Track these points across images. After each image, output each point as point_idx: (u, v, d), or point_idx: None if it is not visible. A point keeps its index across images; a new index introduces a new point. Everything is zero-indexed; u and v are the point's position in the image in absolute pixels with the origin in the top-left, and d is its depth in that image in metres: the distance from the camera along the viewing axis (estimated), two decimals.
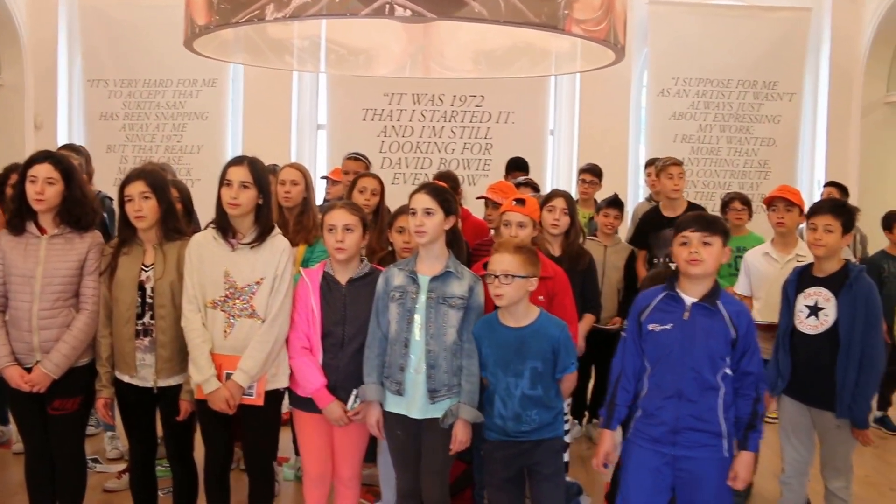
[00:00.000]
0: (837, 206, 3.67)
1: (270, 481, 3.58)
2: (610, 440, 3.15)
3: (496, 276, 3.17)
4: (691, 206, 5.33)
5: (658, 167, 5.60)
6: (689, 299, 3.03)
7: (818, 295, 3.60)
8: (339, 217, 3.35)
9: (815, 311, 3.60)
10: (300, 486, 3.67)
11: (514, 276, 3.14)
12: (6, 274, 3.42)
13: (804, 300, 3.63)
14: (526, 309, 3.24)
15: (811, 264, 3.72)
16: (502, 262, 3.18)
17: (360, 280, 3.41)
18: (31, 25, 8.31)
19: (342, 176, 5.53)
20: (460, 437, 3.24)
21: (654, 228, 5.29)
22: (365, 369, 3.32)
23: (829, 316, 3.56)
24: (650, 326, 3.06)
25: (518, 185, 4.94)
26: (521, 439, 3.21)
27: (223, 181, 3.33)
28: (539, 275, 3.25)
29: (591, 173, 6.43)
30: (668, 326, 3.02)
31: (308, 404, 3.39)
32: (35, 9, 8.30)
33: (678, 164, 5.51)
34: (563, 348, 3.20)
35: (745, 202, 5.35)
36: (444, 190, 3.40)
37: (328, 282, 3.40)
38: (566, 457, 3.68)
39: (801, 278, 3.68)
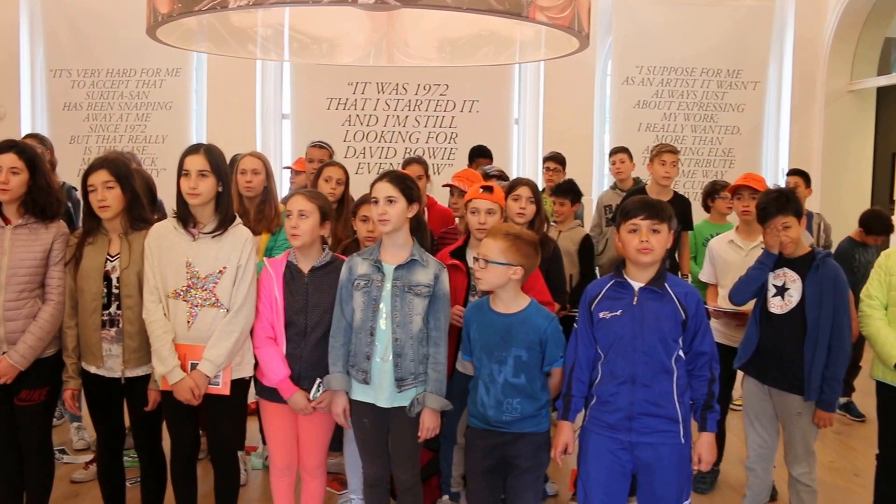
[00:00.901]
0: (783, 202, 3.67)
1: (236, 470, 3.58)
2: (568, 431, 3.14)
3: (476, 260, 3.19)
4: (677, 197, 5.37)
5: (653, 152, 5.62)
6: (636, 284, 3.04)
7: (785, 276, 3.67)
8: (295, 203, 3.35)
9: (781, 291, 3.66)
10: (268, 474, 3.67)
11: (489, 262, 3.15)
12: None
13: (773, 279, 3.71)
14: (515, 296, 3.23)
15: None
16: (485, 246, 3.20)
17: (321, 269, 3.41)
18: None
19: (306, 164, 5.51)
20: (427, 425, 3.25)
21: None
22: (330, 358, 3.32)
23: (793, 297, 3.62)
24: (601, 314, 3.06)
25: (489, 177, 4.94)
26: (503, 430, 3.20)
27: (181, 171, 3.30)
28: (530, 266, 3.22)
29: (555, 161, 6.48)
30: (617, 313, 3.03)
31: (273, 394, 3.39)
32: None
33: (673, 151, 5.52)
34: (551, 340, 3.18)
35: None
36: (406, 178, 3.39)
37: (291, 271, 3.40)
38: None
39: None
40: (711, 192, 5.46)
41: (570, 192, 5.17)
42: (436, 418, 3.27)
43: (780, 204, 3.66)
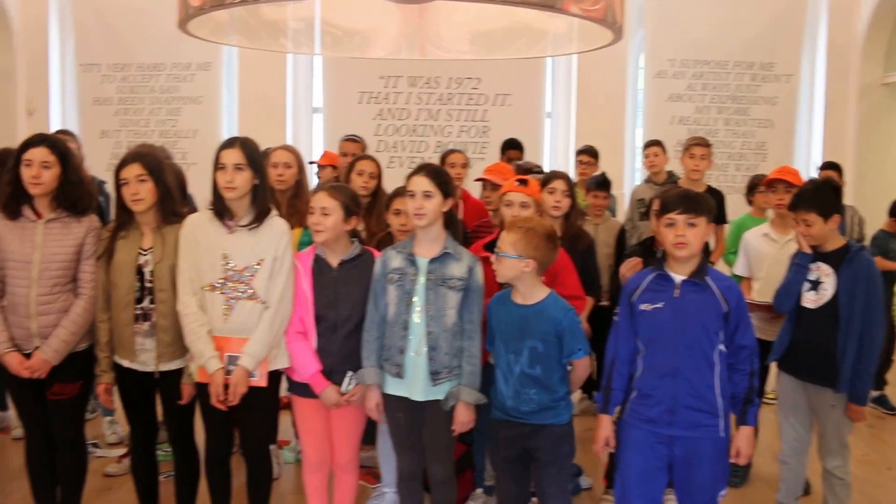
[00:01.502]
0: (813, 199, 3.61)
1: (268, 465, 3.57)
2: (608, 425, 3.15)
3: (497, 254, 3.19)
4: (710, 191, 5.32)
5: (684, 145, 5.57)
6: (678, 277, 3.03)
7: (819, 270, 3.63)
8: (318, 200, 3.34)
9: (815, 285, 3.62)
10: (300, 468, 3.66)
11: (500, 255, 3.16)
12: (3, 259, 3.39)
13: (807, 273, 3.66)
14: (533, 288, 3.21)
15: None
16: (500, 238, 3.21)
17: (350, 262, 3.39)
18: (21, 8, 8.25)
19: (339, 158, 5.50)
20: (461, 419, 3.24)
21: None
22: (363, 352, 3.31)
23: (827, 290, 3.58)
24: (642, 306, 3.06)
25: (527, 172, 4.89)
26: (523, 420, 3.20)
27: (217, 165, 3.29)
28: (543, 259, 3.19)
29: (588, 154, 6.44)
30: (659, 305, 3.02)
31: (305, 390, 3.38)
32: None
33: (703, 144, 5.47)
34: (568, 333, 3.16)
35: None
36: (443, 172, 3.39)
37: (319, 265, 3.39)
38: None
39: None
40: (753, 187, 5.40)
41: (604, 184, 5.18)
42: (470, 412, 3.25)
43: (799, 199, 3.64)
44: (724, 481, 3.09)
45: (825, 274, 3.60)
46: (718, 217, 5.26)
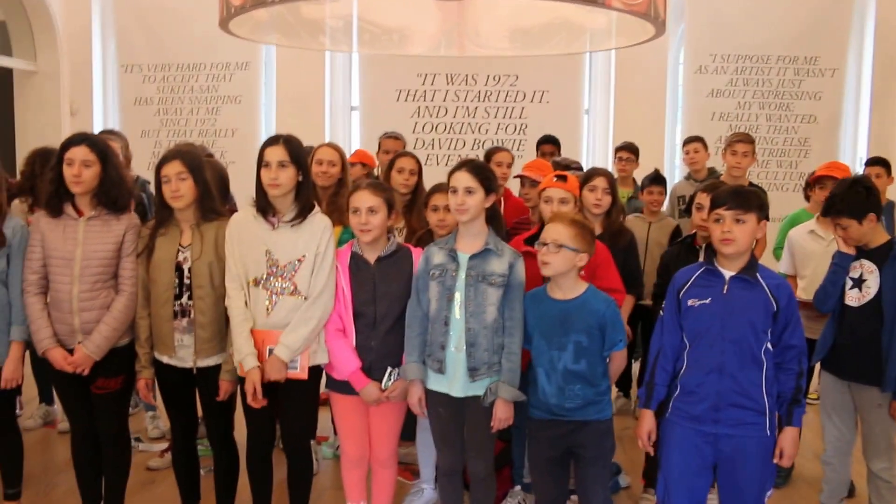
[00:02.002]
0: (846, 205, 3.53)
1: (308, 460, 3.59)
2: (651, 419, 3.12)
3: (545, 245, 3.15)
4: (751, 187, 5.23)
5: (726, 142, 5.51)
6: (727, 273, 2.98)
7: (862, 267, 3.57)
8: (364, 199, 3.32)
9: (858, 283, 3.56)
10: (339, 464, 3.67)
11: (562, 247, 3.12)
12: (47, 257, 3.45)
13: (850, 271, 3.60)
14: (574, 283, 3.21)
15: None
16: (554, 231, 3.17)
17: (388, 258, 3.39)
18: (65, 12, 8.42)
19: (381, 155, 5.51)
20: (500, 416, 3.23)
21: None
22: (406, 348, 3.32)
23: (871, 287, 3.52)
24: (689, 302, 3.01)
25: (566, 168, 4.87)
26: (566, 418, 3.18)
27: (261, 162, 3.31)
28: (591, 253, 3.22)
29: (628, 150, 6.37)
30: (707, 301, 2.98)
31: (344, 387, 3.39)
32: None
33: (745, 141, 5.39)
34: (610, 324, 3.16)
35: None
36: (485, 168, 3.39)
37: (356, 261, 3.39)
38: None
39: None
40: (811, 183, 5.31)
41: (660, 181, 5.14)
42: (509, 409, 3.24)
43: (830, 204, 3.59)
44: (771, 481, 3.04)
45: (868, 271, 3.54)
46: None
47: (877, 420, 3.57)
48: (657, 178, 5.25)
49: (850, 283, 3.59)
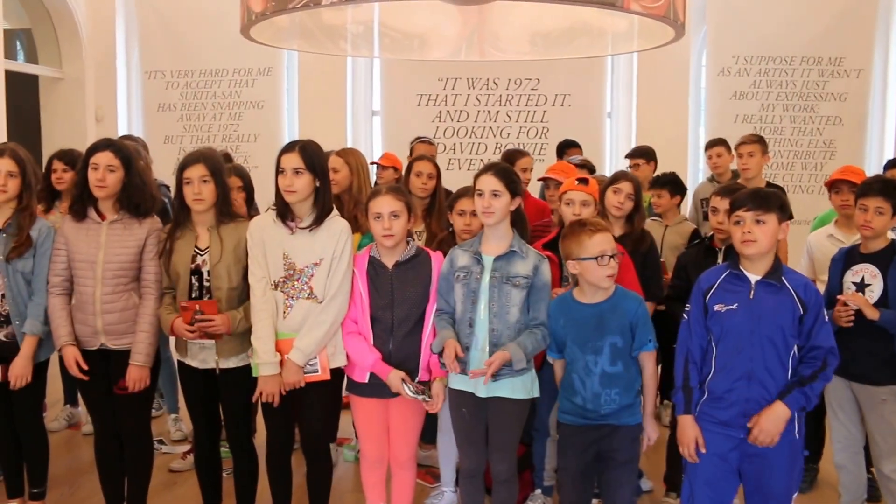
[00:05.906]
0: (889, 188, 3.54)
1: (328, 462, 3.59)
2: (694, 426, 3.01)
3: (610, 257, 3.15)
4: (769, 187, 5.19)
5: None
6: (753, 277, 2.94)
7: (865, 271, 3.54)
8: (385, 204, 3.32)
9: (861, 287, 3.53)
10: (360, 467, 3.68)
11: (611, 256, 3.16)
12: (71, 259, 3.51)
13: (851, 277, 3.58)
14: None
15: (858, 243, 3.66)
16: (608, 241, 3.18)
17: (406, 262, 3.39)
18: (90, 20, 8.52)
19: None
20: (496, 361, 3.15)
21: None
22: (437, 327, 3.32)
23: (874, 292, 3.50)
24: (716, 307, 2.97)
25: (581, 167, 4.86)
26: (600, 423, 3.16)
27: (278, 169, 3.33)
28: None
29: (638, 156, 6.27)
30: (733, 306, 2.94)
31: (364, 389, 3.41)
32: (94, 3, 8.51)
33: (747, 142, 5.34)
34: (641, 323, 3.16)
35: None
36: (511, 171, 3.40)
37: (374, 266, 3.39)
38: None
39: (849, 257, 3.63)
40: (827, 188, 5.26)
41: (667, 183, 5.06)
42: (503, 359, 3.15)
43: (869, 187, 3.57)
44: (797, 485, 3.01)
45: (871, 275, 3.52)
46: None
47: (883, 417, 3.54)
48: (664, 182, 5.11)
49: (852, 287, 3.55)
